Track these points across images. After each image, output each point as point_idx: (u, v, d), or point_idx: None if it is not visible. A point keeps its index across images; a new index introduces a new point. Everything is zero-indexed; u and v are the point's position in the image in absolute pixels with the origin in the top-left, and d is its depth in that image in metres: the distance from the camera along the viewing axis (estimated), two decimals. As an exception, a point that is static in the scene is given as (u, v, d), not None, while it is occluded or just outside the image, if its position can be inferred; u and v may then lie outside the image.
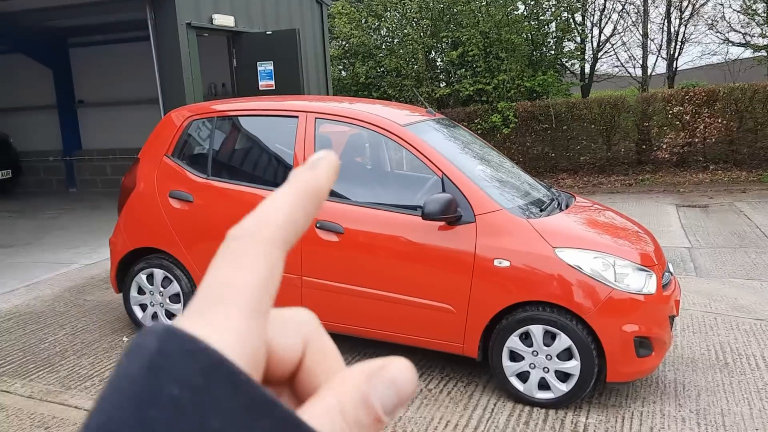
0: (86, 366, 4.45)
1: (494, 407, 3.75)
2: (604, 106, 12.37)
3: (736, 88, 11.66)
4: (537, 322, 3.65)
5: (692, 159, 12.06)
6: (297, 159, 4.33)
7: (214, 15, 7.97)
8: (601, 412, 3.65)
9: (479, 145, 4.83)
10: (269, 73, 8.42)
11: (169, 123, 4.86)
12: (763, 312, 5.13)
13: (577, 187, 11.91)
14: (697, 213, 9.08)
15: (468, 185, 3.87)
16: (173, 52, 7.36)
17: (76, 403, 3.91)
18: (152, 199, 4.72)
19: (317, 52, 10.68)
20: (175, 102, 6.92)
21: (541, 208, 4.07)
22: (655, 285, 3.63)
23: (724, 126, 11.57)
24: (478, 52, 13.23)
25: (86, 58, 12.10)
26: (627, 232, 4.13)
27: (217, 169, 4.65)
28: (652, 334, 3.58)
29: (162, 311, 4.80)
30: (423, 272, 3.92)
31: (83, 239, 8.21)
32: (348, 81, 15.16)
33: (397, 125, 4.18)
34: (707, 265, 6.52)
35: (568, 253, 3.61)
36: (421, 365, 4.32)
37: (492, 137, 12.97)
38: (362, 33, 14.29)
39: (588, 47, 15.06)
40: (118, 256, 4.89)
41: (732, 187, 10.77)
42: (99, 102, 12.23)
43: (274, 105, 4.76)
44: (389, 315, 4.07)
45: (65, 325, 5.25)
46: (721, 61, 15.54)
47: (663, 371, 4.14)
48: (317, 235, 4.16)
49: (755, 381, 3.96)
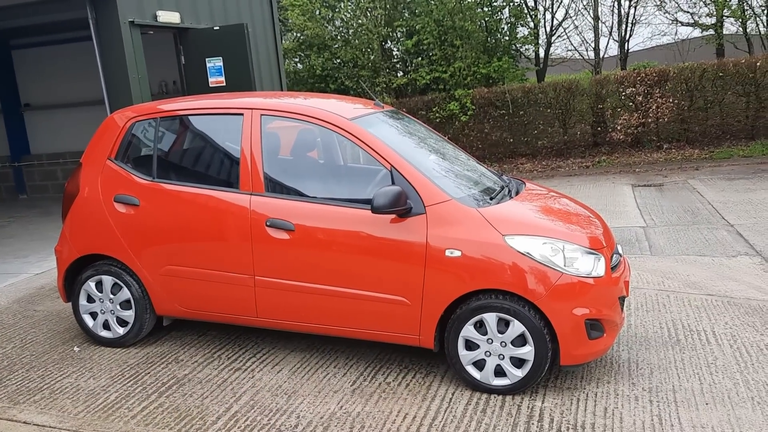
0: (36, 379, 4.32)
1: (452, 397, 3.76)
2: (558, 90, 12.50)
3: (686, 68, 11.89)
4: (490, 310, 3.66)
5: (646, 139, 12.28)
6: (244, 157, 4.25)
7: (158, 12, 7.77)
8: (557, 396, 3.69)
9: (428, 136, 4.81)
10: (219, 69, 8.27)
11: (112, 125, 4.73)
12: (713, 287, 5.24)
13: (536, 171, 12.03)
14: (652, 192, 9.25)
15: (417, 177, 3.85)
16: (117, 51, 7.16)
17: (25, 418, 3.79)
18: (97, 205, 4.59)
19: (269, 46, 10.53)
20: (121, 102, 6.74)
21: (491, 196, 4.08)
22: (604, 267, 3.67)
23: (676, 105, 11.80)
24: (433, 40, 13.22)
25: (30, 60, 11.73)
26: (576, 216, 4.16)
27: (162, 170, 4.54)
28: (603, 315, 3.62)
29: (113, 318, 4.69)
30: (376, 266, 3.89)
31: (33, 248, 7.98)
32: (304, 74, 15.01)
33: (343, 119, 4.13)
34: (661, 243, 6.65)
35: (517, 240, 3.61)
36: (380, 358, 4.31)
37: (451, 125, 13.01)
38: (316, 25, 14.15)
39: (541, 32, 15.18)
40: (65, 265, 4.75)
41: (685, 164, 11.00)
42: (46, 105, 11.88)
43: (220, 103, 4.67)
44: (345, 311, 4.04)
45: (14, 338, 5.09)
46: (671, 42, 15.83)
47: (617, 351, 4.19)
48: (268, 234, 4.10)
49: (705, 356, 4.04)
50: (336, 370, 4.20)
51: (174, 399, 3.93)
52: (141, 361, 4.50)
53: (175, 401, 3.90)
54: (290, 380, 4.09)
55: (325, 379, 4.07)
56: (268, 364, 4.33)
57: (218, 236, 4.27)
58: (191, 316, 4.57)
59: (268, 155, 4.27)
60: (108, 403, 3.92)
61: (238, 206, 4.19)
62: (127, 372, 4.34)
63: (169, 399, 3.93)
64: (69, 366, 4.50)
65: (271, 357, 4.45)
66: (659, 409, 3.46)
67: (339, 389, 3.94)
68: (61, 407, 3.91)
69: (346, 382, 4.03)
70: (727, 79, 11.64)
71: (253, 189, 4.19)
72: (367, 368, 4.19)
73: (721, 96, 11.87)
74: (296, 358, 4.41)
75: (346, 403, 3.77)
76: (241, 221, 4.17)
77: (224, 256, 4.26)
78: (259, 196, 4.16)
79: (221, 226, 4.26)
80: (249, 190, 4.20)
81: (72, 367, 4.47)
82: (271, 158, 4.30)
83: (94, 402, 3.95)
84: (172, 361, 4.47)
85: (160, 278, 4.48)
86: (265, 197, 4.15)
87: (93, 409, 3.87)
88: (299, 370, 4.22)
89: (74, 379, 4.28)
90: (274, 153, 4.39)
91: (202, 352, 4.59)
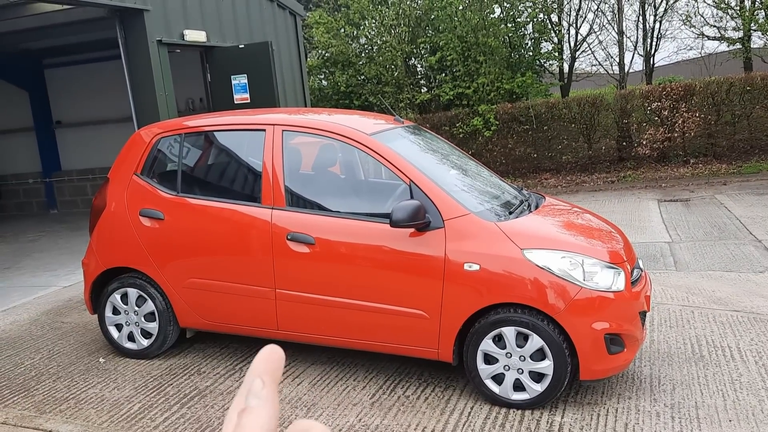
0: (62, 389, 4.41)
1: (471, 411, 3.74)
2: (583, 105, 12.43)
3: (713, 82, 11.75)
4: (509, 324, 3.65)
5: (673, 154, 12.14)
6: (265, 171, 4.32)
7: (185, 31, 7.96)
8: (576, 411, 3.65)
9: (448, 151, 4.84)
10: (244, 86, 8.41)
11: (138, 141, 4.85)
12: (739, 303, 5.16)
13: (560, 186, 11.95)
14: (679, 207, 9.13)
15: (435, 191, 3.88)
16: (145, 69, 7.34)
17: (51, 428, 3.87)
18: (123, 219, 4.70)
19: (293, 64, 10.69)
20: (149, 119, 6.89)
21: (510, 210, 4.08)
22: (624, 282, 3.64)
23: (702, 120, 11.66)
24: (457, 56, 13.27)
25: (62, 78, 12.06)
26: (595, 230, 4.14)
27: (186, 185, 4.63)
28: (623, 330, 3.59)
29: (138, 330, 4.77)
30: (395, 280, 3.91)
31: (62, 261, 8.16)
32: (329, 90, 15.18)
33: (362, 134, 4.18)
34: (687, 258, 6.56)
35: (536, 254, 3.61)
36: (400, 372, 4.31)
37: (474, 140, 13.01)
38: (340, 42, 14.32)
39: (565, 47, 15.15)
40: (92, 277, 4.86)
41: (713, 179, 10.84)
42: (77, 122, 12.18)
43: (243, 119, 4.75)
44: (364, 324, 4.06)
45: (41, 349, 5.21)
46: (697, 56, 15.67)
47: (639, 366, 4.14)
48: (289, 247, 4.15)
49: (730, 372, 3.97)
50: (355, 383, 4.22)
51: (195, 410, 3.98)
52: (164, 373, 4.56)
53: (197, 412, 3.95)
54: (310, 393, 4.12)
55: (345, 392, 4.09)
56: (289, 377, 4.37)
57: (240, 250, 4.34)
58: (213, 328, 4.63)
59: (290, 170, 4.33)
60: (131, 414, 3.98)
61: (260, 220, 4.25)
62: (150, 383, 4.41)
63: (190, 410, 3.98)
64: (94, 377, 4.59)
65: (292, 369, 4.48)
66: (681, 426, 3.41)
67: (358, 402, 3.95)
68: (86, 417, 3.99)
69: (366, 395, 4.04)
70: (755, 93, 11.49)
71: (275, 203, 4.25)
72: (387, 381, 4.20)
73: (749, 110, 11.71)
74: (316, 371, 4.44)
75: (365, 416, 3.78)
76: (263, 235, 4.23)
77: (245, 270, 4.32)
78: (280, 210, 4.22)
79: (243, 239, 4.32)
80: (270, 204, 4.26)
81: (97, 378, 4.56)
82: (293, 173, 4.37)
83: (118, 412, 4.02)
84: (195, 373, 4.53)
85: (183, 291, 4.56)
86: (286, 211, 4.21)
87: (117, 419, 3.93)
88: (319, 383, 4.24)
89: (99, 390, 4.36)
90: (295, 168, 4.46)
91: (224, 364, 4.64)
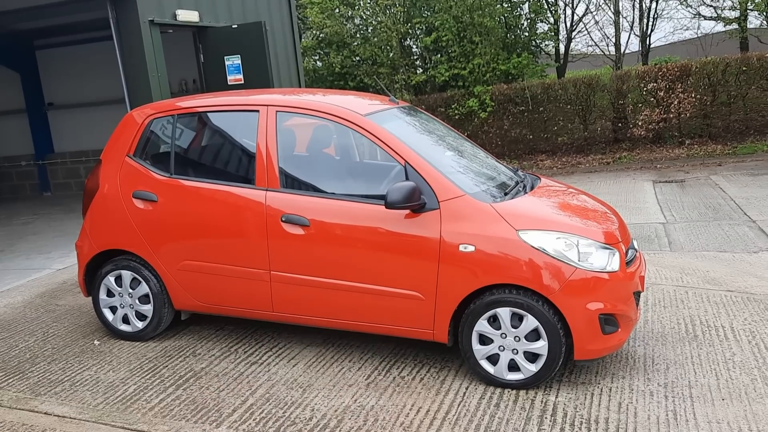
0: (57, 371, 4.40)
1: (466, 391, 3.76)
2: (579, 86, 12.39)
3: (709, 62, 11.72)
4: (504, 305, 3.65)
5: (668, 135, 12.13)
6: (259, 153, 4.29)
7: (177, 11, 7.86)
8: (571, 390, 3.67)
9: (444, 132, 4.80)
10: (237, 67, 8.34)
11: (130, 122, 4.80)
12: (733, 283, 5.18)
13: (555, 167, 11.95)
14: (674, 188, 9.13)
15: (431, 172, 3.85)
16: (137, 50, 7.26)
17: (46, 409, 3.88)
18: (116, 201, 4.67)
19: (287, 44, 10.59)
20: (141, 100, 6.83)
21: (505, 191, 4.07)
22: (619, 262, 3.64)
23: (698, 100, 11.64)
24: (452, 37, 13.18)
25: (54, 59, 11.93)
26: (590, 211, 4.13)
27: (180, 166, 4.60)
28: (618, 310, 3.59)
29: (132, 312, 4.76)
30: (390, 261, 3.90)
31: (56, 244, 8.13)
32: (323, 71, 15.07)
33: (357, 115, 4.14)
34: (681, 239, 6.57)
35: (531, 235, 3.60)
36: (395, 353, 4.32)
37: (470, 122, 12.97)
38: (335, 22, 14.19)
39: (561, 28, 15.07)
40: (85, 260, 4.84)
41: (708, 160, 10.85)
42: (69, 104, 12.08)
43: (236, 100, 4.71)
44: (359, 305, 4.06)
45: (36, 332, 5.20)
46: (693, 36, 15.62)
47: (633, 346, 4.16)
48: (283, 229, 4.14)
49: (723, 352, 3.99)
50: (351, 364, 4.23)
51: (191, 392, 3.98)
52: (159, 355, 4.56)
53: (192, 394, 3.95)
54: (305, 374, 4.12)
55: (340, 373, 4.10)
56: (284, 358, 4.37)
57: (234, 231, 4.32)
58: (208, 310, 4.63)
59: (284, 151, 4.30)
60: (126, 395, 3.99)
61: (254, 202, 4.23)
62: (145, 365, 4.41)
63: (186, 392, 3.99)
64: (89, 359, 4.58)
65: (287, 351, 4.49)
66: (674, 405, 3.43)
67: (354, 383, 3.96)
68: (81, 399, 3.99)
69: (361, 376, 4.05)
70: (751, 73, 11.46)
71: (269, 185, 4.23)
72: (382, 362, 4.21)
73: (745, 90, 11.69)
74: (312, 352, 4.44)
75: (361, 396, 3.79)
76: (257, 217, 4.21)
77: (240, 251, 4.31)
78: (274, 192, 4.20)
79: (237, 221, 4.30)
80: (264, 185, 4.23)
81: (92, 360, 4.55)
82: (287, 154, 4.34)
83: (113, 394, 4.02)
84: (190, 355, 4.53)
85: (177, 273, 4.54)
86: (280, 193, 4.19)
87: (112, 400, 3.94)
88: (314, 364, 4.25)
89: (94, 372, 4.36)
90: (289, 149, 4.42)
91: (219, 346, 4.64)
